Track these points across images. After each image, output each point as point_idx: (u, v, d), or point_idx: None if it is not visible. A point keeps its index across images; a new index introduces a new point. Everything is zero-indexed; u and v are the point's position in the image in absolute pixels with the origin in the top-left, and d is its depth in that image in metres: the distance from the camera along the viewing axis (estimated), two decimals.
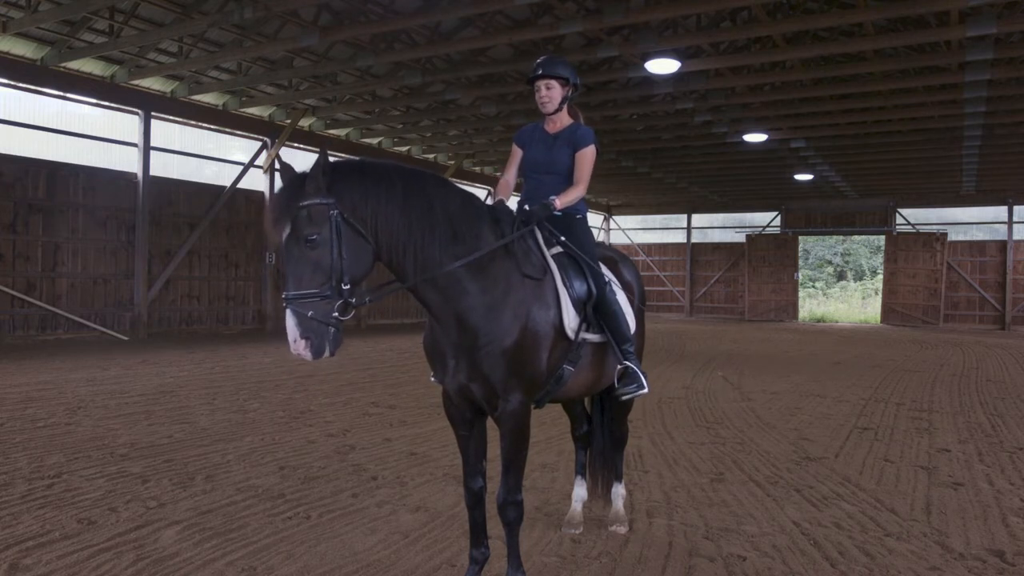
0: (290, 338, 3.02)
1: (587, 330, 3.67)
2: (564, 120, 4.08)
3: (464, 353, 3.32)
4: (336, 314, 3.02)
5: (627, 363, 3.80)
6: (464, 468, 3.61)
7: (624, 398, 3.93)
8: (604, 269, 3.97)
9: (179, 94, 16.49)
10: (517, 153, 4.18)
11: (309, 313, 2.97)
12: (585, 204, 4.11)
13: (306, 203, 3.01)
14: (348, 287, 3.05)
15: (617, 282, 4.09)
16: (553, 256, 3.66)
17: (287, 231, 3.03)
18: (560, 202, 3.82)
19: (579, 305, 3.60)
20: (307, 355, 3.00)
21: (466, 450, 3.61)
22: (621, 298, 3.98)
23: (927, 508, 4.96)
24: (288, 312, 3.02)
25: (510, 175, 4.18)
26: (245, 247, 18.77)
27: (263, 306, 19.16)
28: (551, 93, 3.97)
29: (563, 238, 3.78)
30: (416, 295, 3.32)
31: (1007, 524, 4.67)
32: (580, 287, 3.64)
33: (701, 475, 5.72)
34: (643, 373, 3.85)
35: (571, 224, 3.91)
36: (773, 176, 26.38)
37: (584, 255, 3.76)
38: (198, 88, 16.49)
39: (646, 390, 3.86)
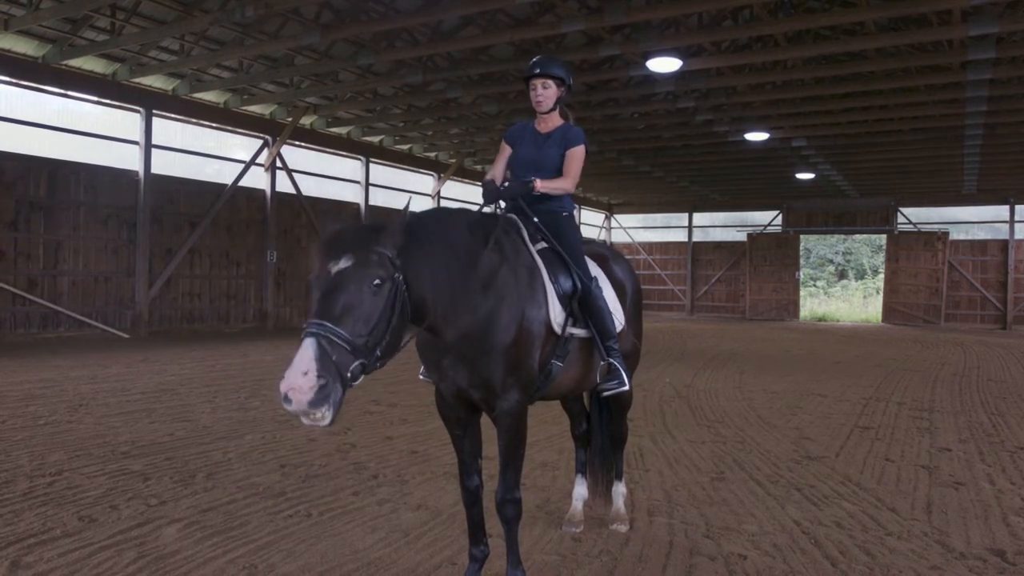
0: (298, 368, 2.54)
1: (573, 325, 3.70)
2: (555, 120, 4.12)
3: (463, 357, 3.32)
4: (350, 374, 2.69)
5: (610, 360, 3.83)
6: (460, 467, 3.62)
7: (606, 394, 3.99)
8: (592, 265, 3.99)
9: (180, 92, 16.49)
10: (506, 150, 4.20)
11: (335, 357, 2.62)
12: (572, 202, 4.15)
13: (380, 250, 2.83)
14: (376, 356, 2.79)
15: (605, 279, 4.11)
16: (538, 251, 3.70)
17: (349, 263, 2.75)
18: (542, 185, 3.84)
19: (564, 300, 3.64)
20: (305, 397, 2.51)
21: (461, 449, 3.61)
22: (608, 295, 4.00)
23: (928, 507, 4.96)
24: (311, 341, 2.60)
25: (497, 171, 4.20)
26: (246, 245, 18.77)
27: (264, 304, 19.16)
28: (547, 93, 4.00)
29: (547, 234, 3.82)
30: None
31: (1008, 523, 4.67)
32: (565, 282, 3.68)
33: (702, 474, 5.72)
34: (625, 370, 3.88)
35: (557, 221, 3.94)
36: (774, 175, 26.36)
37: (568, 251, 3.79)
38: (199, 86, 16.48)
39: (627, 387, 3.91)
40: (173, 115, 16.79)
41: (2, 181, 13.90)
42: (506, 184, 3.94)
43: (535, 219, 3.85)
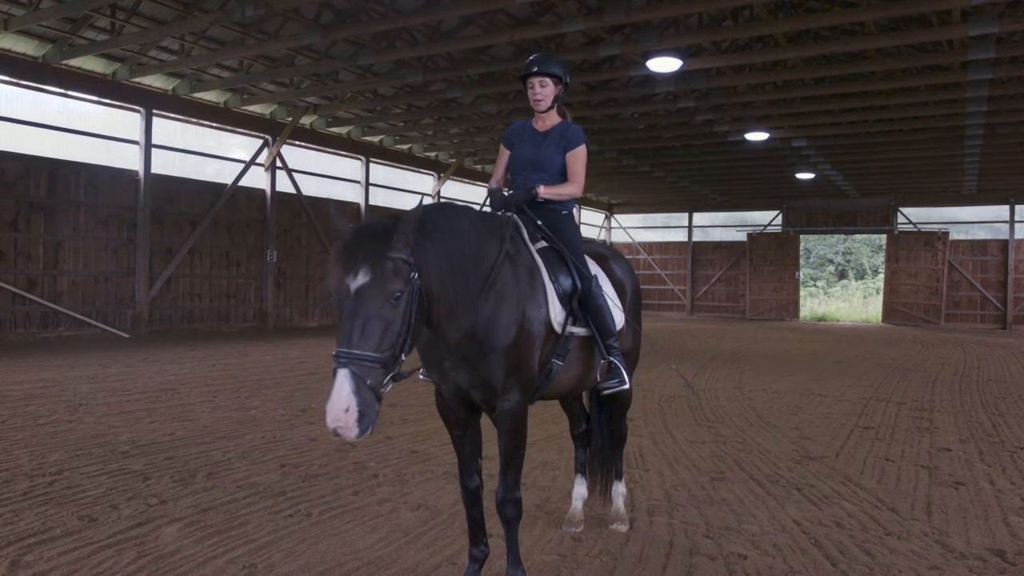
0: (339, 405, 2.62)
1: (573, 324, 3.70)
2: (553, 119, 4.13)
3: (464, 359, 3.32)
4: (383, 388, 2.76)
5: (611, 358, 3.83)
6: (460, 467, 3.61)
7: (606, 393, 4.00)
8: (592, 265, 3.99)
9: (180, 92, 16.49)
10: (505, 154, 4.22)
11: (368, 381, 2.69)
12: (573, 201, 4.14)
13: (394, 255, 2.80)
14: (403, 359, 2.84)
15: (605, 278, 4.11)
16: (538, 251, 3.69)
17: (367, 277, 2.74)
18: (546, 191, 3.86)
19: (564, 299, 3.64)
20: (352, 432, 2.62)
21: (461, 449, 3.61)
22: (608, 293, 4.00)
23: (928, 507, 4.96)
24: (345, 374, 2.66)
25: (499, 175, 4.22)
26: (246, 245, 18.77)
27: (264, 304, 19.17)
28: (545, 91, 4.02)
29: (548, 233, 3.82)
30: None
31: (1008, 523, 4.67)
32: (565, 281, 3.68)
33: (702, 474, 5.72)
34: (625, 368, 3.89)
35: (556, 220, 3.95)
36: (774, 175, 26.36)
37: (569, 250, 3.79)
38: (199, 86, 16.48)
39: (627, 386, 3.92)
40: (173, 115, 16.79)
41: (2, 181, 13.90)
42: (510, 192, 3.94)
43: (537, 219, 3.85)
